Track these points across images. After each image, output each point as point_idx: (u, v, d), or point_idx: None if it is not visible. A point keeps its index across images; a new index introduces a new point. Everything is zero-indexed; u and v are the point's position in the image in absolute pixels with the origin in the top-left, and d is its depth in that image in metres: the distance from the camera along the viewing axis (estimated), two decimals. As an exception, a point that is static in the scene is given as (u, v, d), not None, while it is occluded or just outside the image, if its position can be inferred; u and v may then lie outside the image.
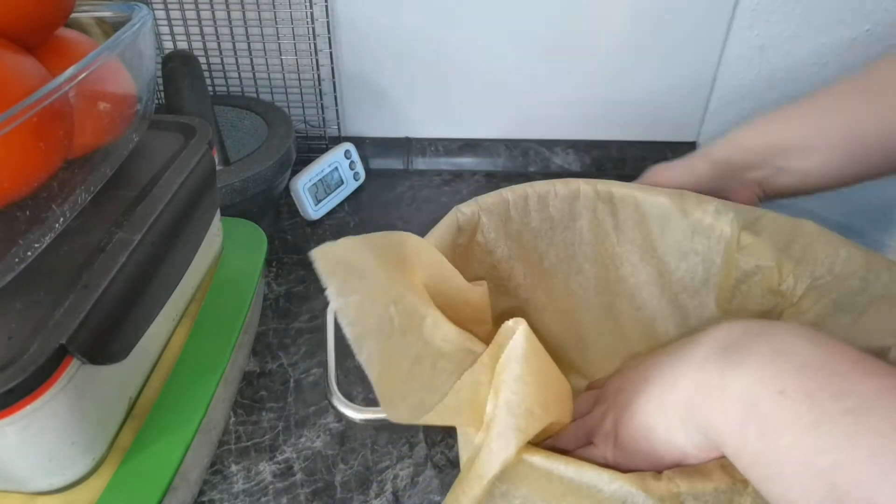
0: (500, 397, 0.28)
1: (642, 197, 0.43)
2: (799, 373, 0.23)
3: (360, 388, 0.48)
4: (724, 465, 0.27)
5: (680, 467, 0.27)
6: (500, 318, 0.34)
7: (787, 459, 0.22)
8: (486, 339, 0.33)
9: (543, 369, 0.29)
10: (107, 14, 0.43)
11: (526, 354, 0.28)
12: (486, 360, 0.30)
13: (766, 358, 0.25)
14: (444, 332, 0.30)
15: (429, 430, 0.44)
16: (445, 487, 0.41)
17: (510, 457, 0.27)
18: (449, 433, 0.44)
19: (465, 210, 0.41)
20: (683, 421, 0.27)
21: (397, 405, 0.28)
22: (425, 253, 0.34)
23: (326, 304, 0.42)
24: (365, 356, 0.27)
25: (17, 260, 0.30)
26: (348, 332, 0.27)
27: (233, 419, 0.46)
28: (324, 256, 0.28)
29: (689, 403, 0.27)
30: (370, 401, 0.47)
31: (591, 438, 0.33)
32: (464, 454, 0.30)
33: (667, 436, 0.28)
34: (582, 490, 0.27)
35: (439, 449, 0.43)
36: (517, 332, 0.29)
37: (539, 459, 0.27)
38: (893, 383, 0.22)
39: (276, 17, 0.66)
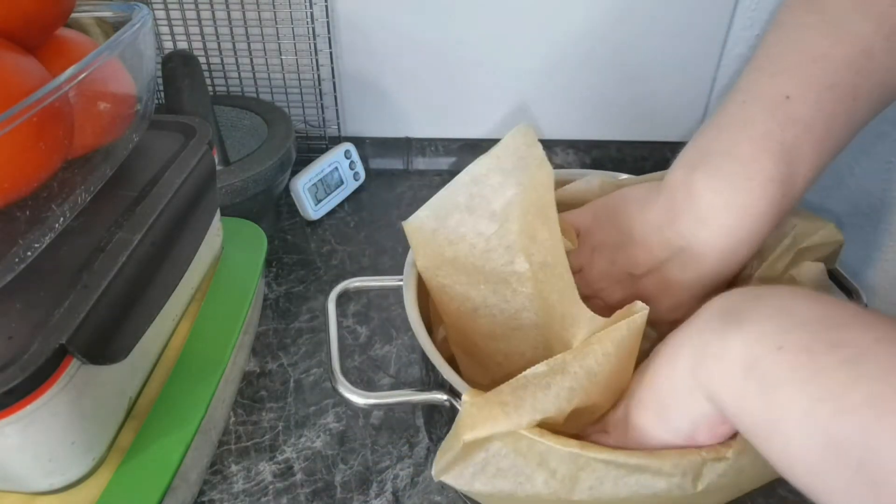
0: (585, 360, 0.29)
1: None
2: (797, 328, 0.23)
3: (360, 388, 0.48)
4: None
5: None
6: None
7: (787, 413, 0.22)
8: None
9: (624, 365, 0.31)
10: (107, 14, 0.43)
11: (624, 342, 0.30)
12: (597, 324, 0.31)
13: (764, 317, 0.25)
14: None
15: (431, 426, 0.44)
16: (447, 486, 0.41)
17: (562, 412, 0.28)
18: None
19: None
20: (690, 390, 0.27)
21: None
22: None
23: (326, 303, 0.42)
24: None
25: (17, 260, 0.30)
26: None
27: (233, 419, 0.46)
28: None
29: (693, 370, 0.27)
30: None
31: (604, 426, 0.33)
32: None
33: (676, 412, 0.28)
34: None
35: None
36: (629, 319, 0.30)
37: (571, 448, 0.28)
38: (892, 334, 0.22)
39: (276, 17, 0.66)
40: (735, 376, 0.24)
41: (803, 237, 0.37)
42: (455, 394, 0.32)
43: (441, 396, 0.33)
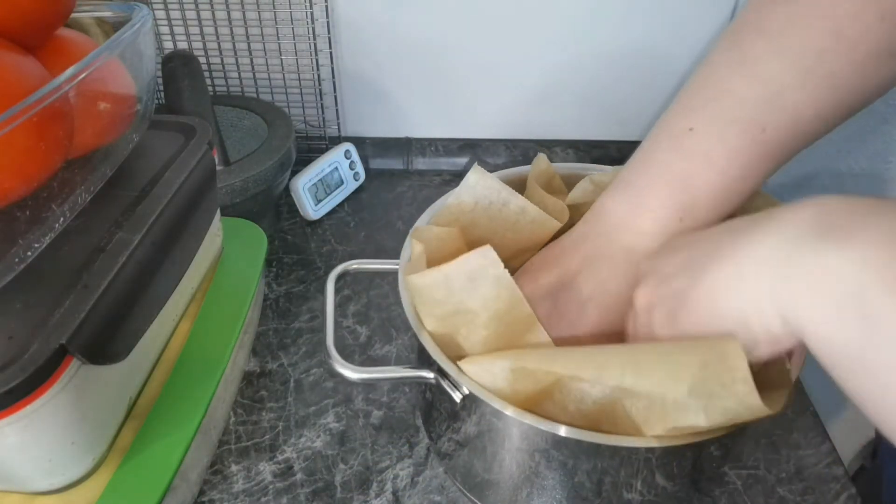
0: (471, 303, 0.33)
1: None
2: None
3: (361, 387, 0.48)
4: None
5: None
6: None
7: (889, 353, 0.20)
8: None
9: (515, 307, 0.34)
10: (107, 14, 0.43)
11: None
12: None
13: (875, 240, 0.22)
14: None
15: (430, 425, 0.44)
16: (447, 486, 0.41)
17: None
18: (455, 417, 0.44)
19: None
20: (758, 308, 0.25)
21: None
22: None
23: (325, 304, 0.42)
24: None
25: (17, 260, 0.30)
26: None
27: (233, 419, 0.46)
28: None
29: (771, 285, 0.24)
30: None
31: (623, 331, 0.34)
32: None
33: (738, 325, 0.26)
34: None
35: (447, 436, 0.43)
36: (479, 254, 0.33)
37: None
38: None
39: (276, 17, 0.66)
40: (831, 301, 0.22)
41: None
42: (443, 373, 0.33)
43: (429, 375, 0.35)
